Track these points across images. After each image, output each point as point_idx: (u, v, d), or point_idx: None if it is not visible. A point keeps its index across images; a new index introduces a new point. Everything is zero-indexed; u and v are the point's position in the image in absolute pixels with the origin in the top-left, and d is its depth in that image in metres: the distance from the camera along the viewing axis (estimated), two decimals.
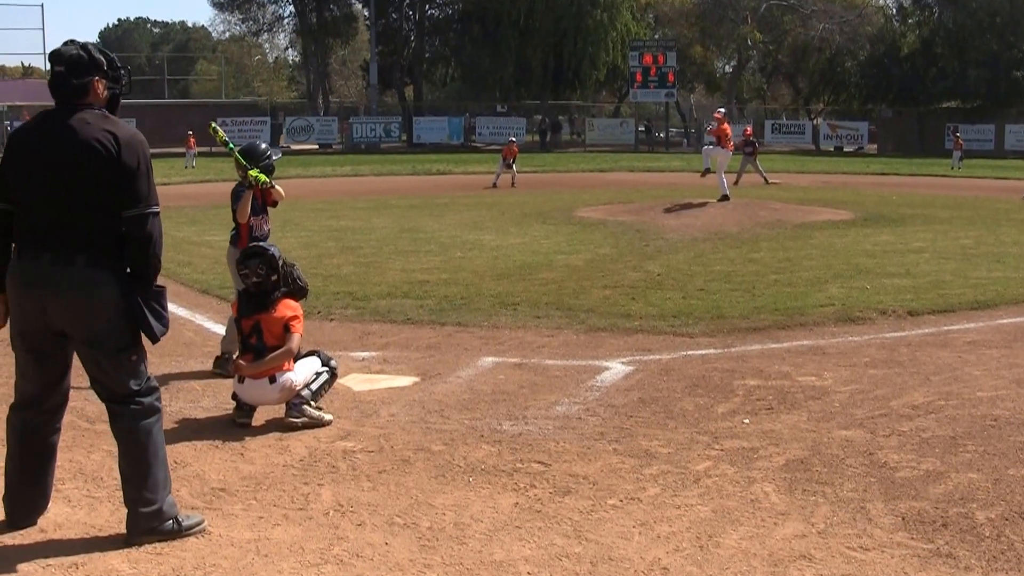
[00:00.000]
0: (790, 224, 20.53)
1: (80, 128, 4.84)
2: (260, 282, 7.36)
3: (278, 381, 7.19)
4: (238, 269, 7.54)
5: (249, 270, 7.40)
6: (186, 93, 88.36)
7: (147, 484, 5.04)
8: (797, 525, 5.42)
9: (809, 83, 77.42)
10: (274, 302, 7.34)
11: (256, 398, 7.25)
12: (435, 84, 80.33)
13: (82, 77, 4.95)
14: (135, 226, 4.90)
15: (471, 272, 14.21)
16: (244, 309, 7.38)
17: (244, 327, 7.34)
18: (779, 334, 10.27)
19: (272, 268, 7.40)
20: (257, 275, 7.37)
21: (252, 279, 7.38)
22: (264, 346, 7.22)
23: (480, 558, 5.00)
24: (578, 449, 6.66)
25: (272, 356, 7.17)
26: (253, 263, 7.42)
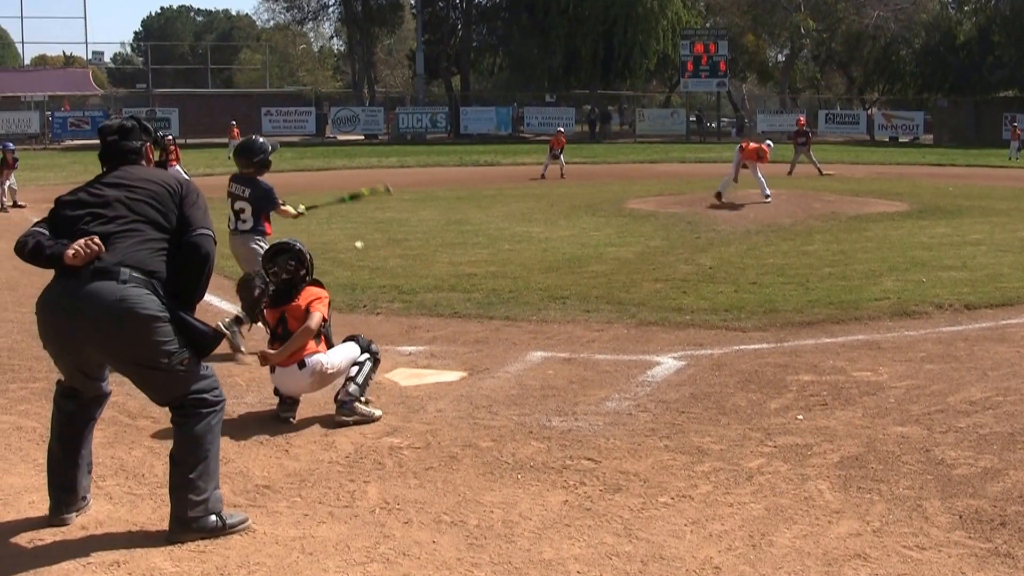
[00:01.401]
0: (844, 216, 20.34)
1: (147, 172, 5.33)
2: (289, 278, 7.42)
3: (308, 365, 7.18)
4: (266, 267, 7.51)
5: (279, 267, 7.44)
6: (229, 83, 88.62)
7: (198, 472, 5.09)
8: (852, 523, 5.34)
9: (863, 72, 76.61)
10: (298, 292, 7.41)
11: (291, 387, 7.25)
12: (482, 73, 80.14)
13: (134, 140, 5.36)
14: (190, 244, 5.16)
15: (519, 265, 14.17)
16: (270, 302, 7.40)
17: (270, 319, 7.40)
18: (833, 328, 10.15)
19: (300, 262, 7.48)
20: (287, 271, 7.43)
21: (282, 276, 7.42)
22: (289, 335, 7.24)
23: (529, 557, 4.96)
24: (628, 446, 6.60)
25: (293, 338, 7.15)
26: (282, 259, 7.47)
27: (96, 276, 4.88)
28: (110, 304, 4.85)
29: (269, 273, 7.47)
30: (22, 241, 5.03)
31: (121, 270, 4.90)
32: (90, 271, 4.87)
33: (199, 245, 5.16)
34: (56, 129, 58.99)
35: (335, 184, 31.20)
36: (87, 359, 5.12)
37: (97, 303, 4.85)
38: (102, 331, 4.90)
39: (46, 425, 6.69)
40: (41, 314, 5.06)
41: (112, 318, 4.86)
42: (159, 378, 5.05)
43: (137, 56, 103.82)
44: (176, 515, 5.09)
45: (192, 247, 5.14)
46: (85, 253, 4.87)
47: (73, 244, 4.88)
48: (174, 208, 5.13)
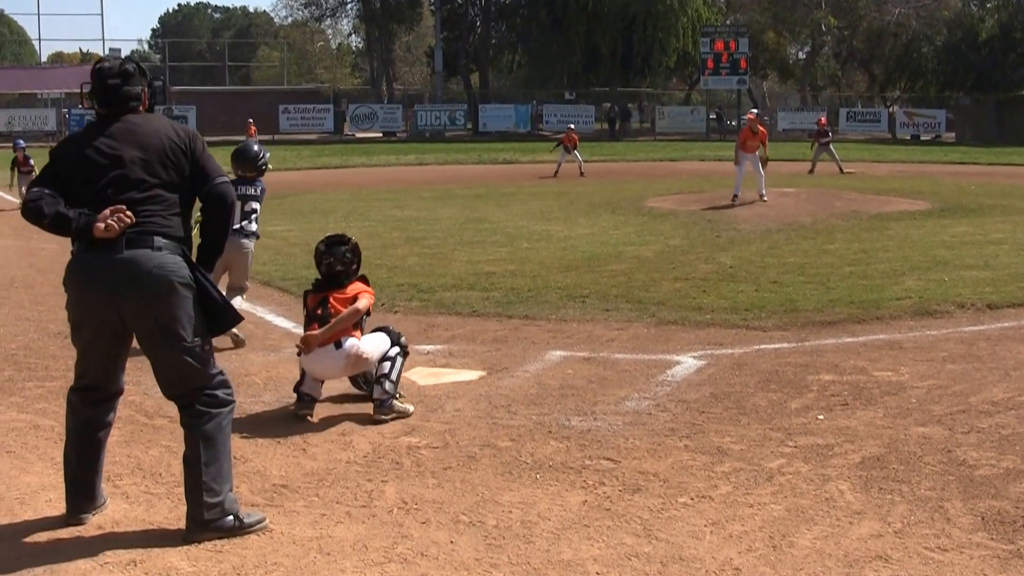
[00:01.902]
0: (865, 215, 20.25)
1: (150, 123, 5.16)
2: (343, 269, 7.44)
3: (344, 347, 7.21)
4: (321, 257, 7.48)
5: (335, 258, 7.44)
6: (247, 80, 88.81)
7: (212, 474, 5.06)
8: (873, 525, 5.30)
9: (885, 70, 76.31)
10: (348, 283, 7.44)
11: (323, 367, 7.27)
12: (501, 71, 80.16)
13: (136, 86, 5.20)
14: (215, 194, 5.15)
15: (538, 264, 14.15)
16: (314, 288, 7.46)
17: (310, 303, 7.41)
18: (854, 328, 10.09)
19: (356, 255, 7.54)
20: (342, 263, 7.44)
21: (336, 267, 7.43)
22: (329, 317, 7.24)
23: (547, 557, 4.93)
24: (648, 446, 6.57)
25: (341, 316, 7.19)
26: (339, 251, 7.48)
27: (130, 245, 4.89)
28: (148, 271, 4.89)
29: (323, 263, 7.49)
30: (35, 207, 4.89)
31: (154, 238, 4.93)
32: (123, 240, 4.88)
33: (224, 195, 5.18)
34: (73, 126, 59.01)
35: (353, 182, 31.31)
36: (118, 336, 5.11)
37: (136, 272, 4.88)
38: (140, 299, 4.92)
39: (63, 423, 6.73)
40: (75, 289, 5.05)
41: (151, 285, 4.90)
42: (178, 359, 5.03)
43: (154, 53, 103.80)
44: (192, 516, 5.06)
45: (217, 198, 5.16)
46: (119, 227, 4.85)
47: (102, 217, 4.85)
48: (185, 163, 5.10)
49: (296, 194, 26.67)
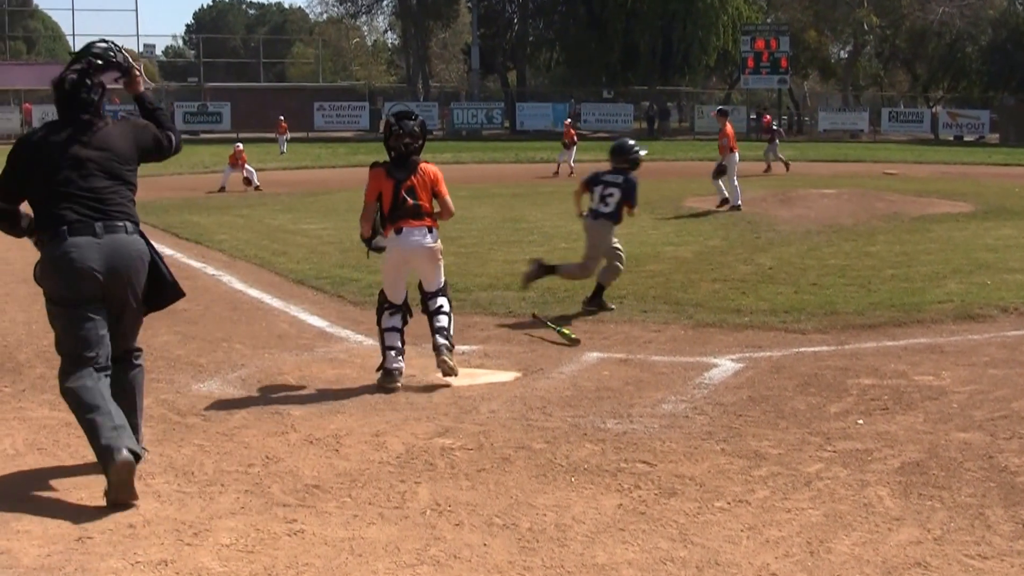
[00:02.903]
0: (907, 216, 20.09)
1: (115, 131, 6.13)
2: (410, 143, 8.05)
3: (435, 232, 8.13)
4: (391, 131, 8.12)
5: (404, 131, 8.05)
6: (282, 77, 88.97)
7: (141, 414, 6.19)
8: (912, 531, 5.23)
9: (928, 69, 75.74)
10: (416, 164, 8.11)
11: (414, 244, 8.03)
12: (539, 69, 79.92)
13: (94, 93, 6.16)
14: None
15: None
16: (395, 174, 8.07)
17: (388, 191, 8.05)
18: (895, 331, 10.00)
19: (423, 131, 8.21)
20: (411, 135, 8.05)
21: (404, 139, 8.04)
22: (419, 205, 8.01)
23: (582, 561, 4.89)
24: (685, 449, 6.52)
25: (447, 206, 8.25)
26: (408, 124, 8.11)
27: (109, 231, 5.75)
28: (129, 251, 5.82)
29: (393, 137, 8.08)
30: None
31: (126, 224, 5.84)
32: (102, 227, 5.72)
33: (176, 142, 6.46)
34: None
35: None
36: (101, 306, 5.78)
37: (120, 251, 5.77)
38: (125, 274, 5.80)
39: None
40: (67, 271, 5.70)
41: (132, 262, 5.83)
42: (136, 320, 6.05)
43: (189, 49, 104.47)
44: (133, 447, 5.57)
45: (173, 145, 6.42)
46: None
47: None
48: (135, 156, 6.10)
49: (330, 192, 26.75)
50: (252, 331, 10.14)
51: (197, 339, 9.75)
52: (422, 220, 8.10)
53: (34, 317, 10.67)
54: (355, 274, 13.23)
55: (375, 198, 8.16)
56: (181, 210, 22.17)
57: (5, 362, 8.80)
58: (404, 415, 7.26)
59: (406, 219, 8.04)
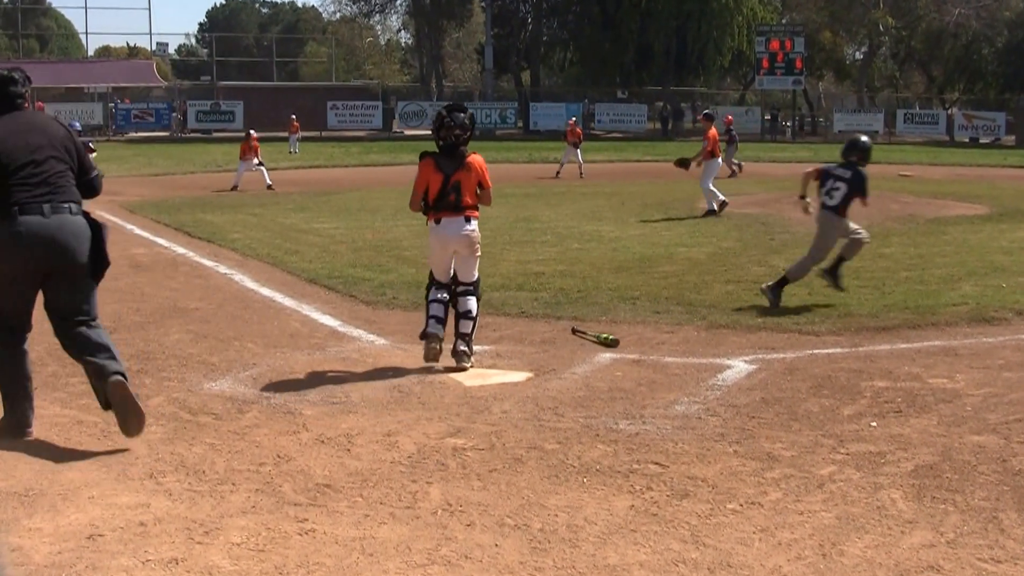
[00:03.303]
0: (922, 219, 20.04)
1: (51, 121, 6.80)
2: (460, 135, 8.52)
3: (472, 224, 8.59)
4: (442, 123, 8.59)
5: (455, 123, 8.51)
6: (295, 76, 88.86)
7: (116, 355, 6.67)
8: (925, 534, 5.21)
9: (943, 71, 75.49)
10: (464, 156, 8.58)
11: (453, 232, 8.54)
12: (553, 69, 79.83)
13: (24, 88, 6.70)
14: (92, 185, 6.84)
15: (588, 264, 14.09)
16: (444, 168, 8.54)
17: (436, 183, 8.52)
18: (909, 334, 9.96)
19: (472, 124, 8.69)
20: (461, 127, 8.53)
21: (455, 131, 8.51)
22: (461, 200, 8.52)
23: (593, 562, 4.88)
24: (697, 450, 6.50)
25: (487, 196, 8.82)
26: (459, 117, 8.57)
27: (56, 211, 6.36)
28: (75, 229, 6.45)
29: (443, 129, 8.56)
30: None
31: (71, 205, 6.47)
32: (50, 207, 6.34)
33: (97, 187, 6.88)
34: (119, 121, 59.53)
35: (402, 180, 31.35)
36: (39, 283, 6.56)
37: (67, 230, 6.40)
38: (72, 249, 6.44)
39: (107, 420, 6.82)
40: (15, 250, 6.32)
41: (78, 239, 6.46)
42: (92, 290, 6.66)
43: (202, 48, 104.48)
44: None
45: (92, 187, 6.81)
46: None
47: None
48: (75, 152, 6.64)
49: (343, 191, 26.78)
50: (264, 330, 10.15)
51: (209, 338, 9.76)
52: (461, 212, 8.59)
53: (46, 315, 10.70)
54: (367, 273, 13.24)
55: (424, 189, 8.65)
56: (193, 208, 22.21)
57: None
58: (416, 415, 7.25)
59: (447, 211, 8.56)
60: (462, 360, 8.54)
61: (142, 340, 9.62)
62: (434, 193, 8.57)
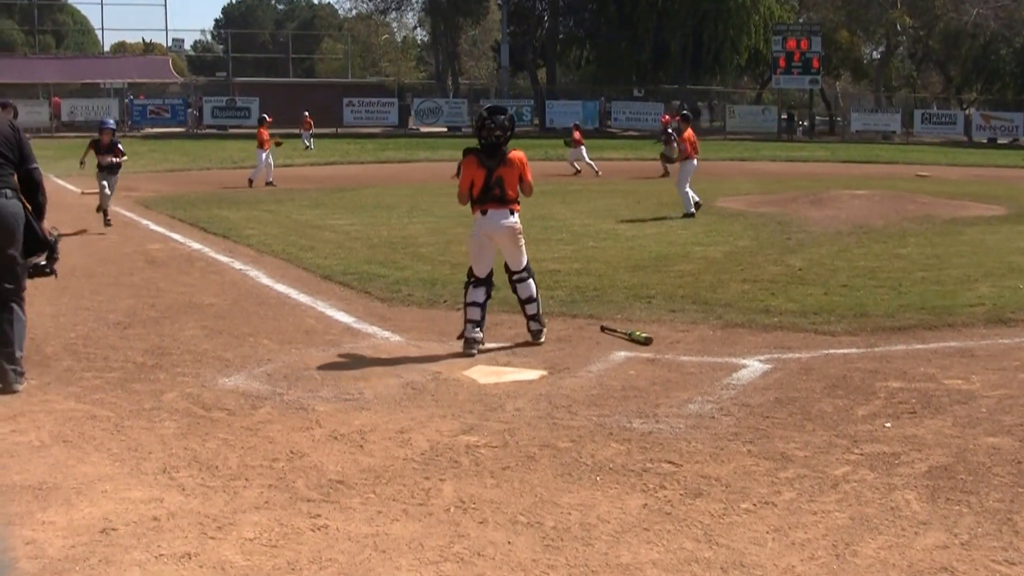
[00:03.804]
0: (939, 219, 19.96)
1: None
2: (500, 135, 9.05)
3: (515, 216, 9.22)
4: (483, 123, 9.17)
5: (495, 124, 9.07)
6: (311, 72, 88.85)
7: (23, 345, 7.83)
8: (939, 535, 5.19)
9: (961, 71, 75.14)
10: (505, 154, 9.09)
11: (496, 223, 9.11)
12: (569, 67, 79.59)
13: None
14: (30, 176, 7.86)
15: (604, 263, 14.08)
16: (487, 163, 9.06)
17: (479, 177, 9.06)
18: (925, 334, 9.92)
19: (512, 125, 9.20)
20: (501, 128, 9.06)
21: (495, 132, 9.07)
22: (505, 194, 9.08)
23: (606, 560, 4.87)
24: (711, 450, 6.48)
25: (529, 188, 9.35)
26: (499, 119, 9.12)
27: None
28: (7, 211, 7.54)
29: (485, 129, 9.10)
30: None
31: (6, 191, 7.58)
32: None
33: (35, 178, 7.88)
34: (135, 117, 59.62)
35: (417, 177, 31.39)
36: None
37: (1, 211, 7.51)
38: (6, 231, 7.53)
39: (121, 414, 6.90)
40: None
41: (10, 220, 7.55)
42: (18, 268, 7.66)
43: (217, 44, 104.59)
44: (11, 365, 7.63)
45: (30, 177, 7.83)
46: None
47: None
48: (17, 146, 7.72)
49: (358, 188, 26.80)
50: (278, 326, 10.16)
51: (224, 333, 9.78)
52: (505, 204, 9.17)
53: (62, 310, 10.76)
54: (382, 270, 13.25)
55: (469, 185, 9.19)
56: (209, 204, 22.25)
57: (32, 355, 8.82)
58: (429, 412, 7.26)
59: (491, 203, 9.12)
60: (538, 337, 9.40)
61: (157, 335, 9.65)
62: (479, 187, 9.12)
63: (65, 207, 21.75)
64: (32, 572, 4.70)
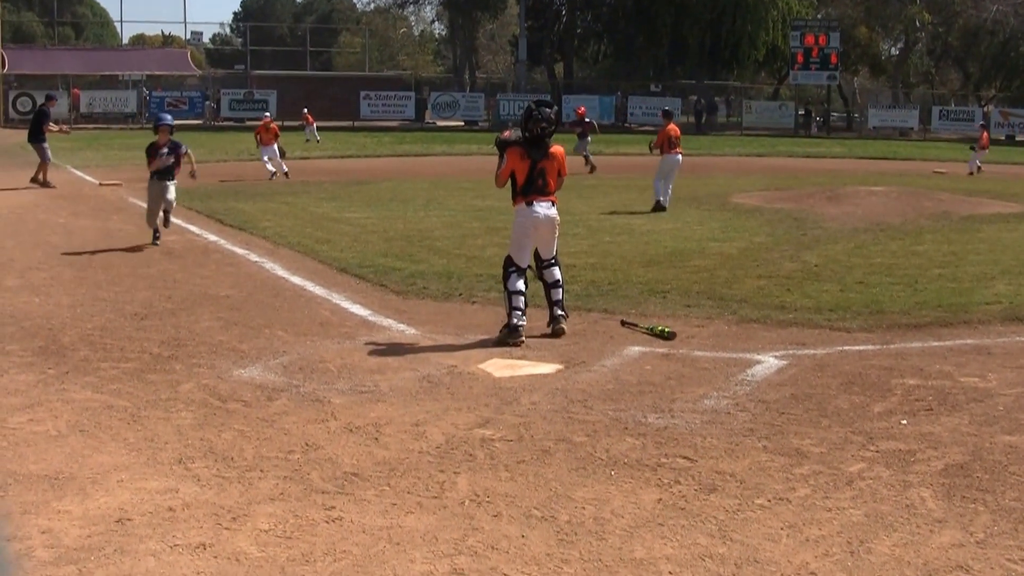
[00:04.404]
0: (956, 216, 19.89)
1: None
2: (546, 127, 9.38)
3: (555, 207, 9.59)
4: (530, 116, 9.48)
5: (542, 116, 9.39)
6: (328, 66, 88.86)
7: None
8: (954, 534, 5.18)
9: (980, 68, 74.83)
10: (548, 147, 9.48)
11: (543, 214, 9.46)
12: (586, 61, 79.43)
13: None
14: None
15: (619, 257, 14.06)
16: (532, 155, 9.42)
17: (523, 169, 9.41)
18: (941, 332, 9.88)
19: (558, 119, 9.60)
20: (547, 120, 9.39)
21: (542, 124, 9.38)
22: (547, 185, 9.49)
23: (620, 555, 4.88)
24: (726, 445, 6.48)
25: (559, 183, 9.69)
26: (546, 112, 9.45)
27: None
28: None
29: (531, 122, 9.42)
30: None
31: None
32: None
33: None
34: (153, 109, 59.66)
35: (434, 170, 31.38)
36: None
37: None
38: None
39: (137, 405, 6.95)
40: None
41: None
42: None
43: (236, 37, 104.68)
44: None
45: None
46: None
47: None
48: None
49: (375, 181, 26.80)
50: (294, 318, 10.18)
51: (239, 325, 9.80)
52: (548, 196, 9.53)
53: (79, 300, 10.80)
54: (398, 263, 13.26)
55: (510, 174, 9.54)
56: (226, 197, 22.27)
57: (49, 345, 8.88)
58: (445, 405, 7.27)
59: (536, 194, 9.46)
60: (560, 322, 9.59)
61: (173, 327, 9.67)
62: (522, 178, 9.48)
63: (83, 198, 21.87)
64: (48, 561, 4.72)
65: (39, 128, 24.50)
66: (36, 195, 22.07)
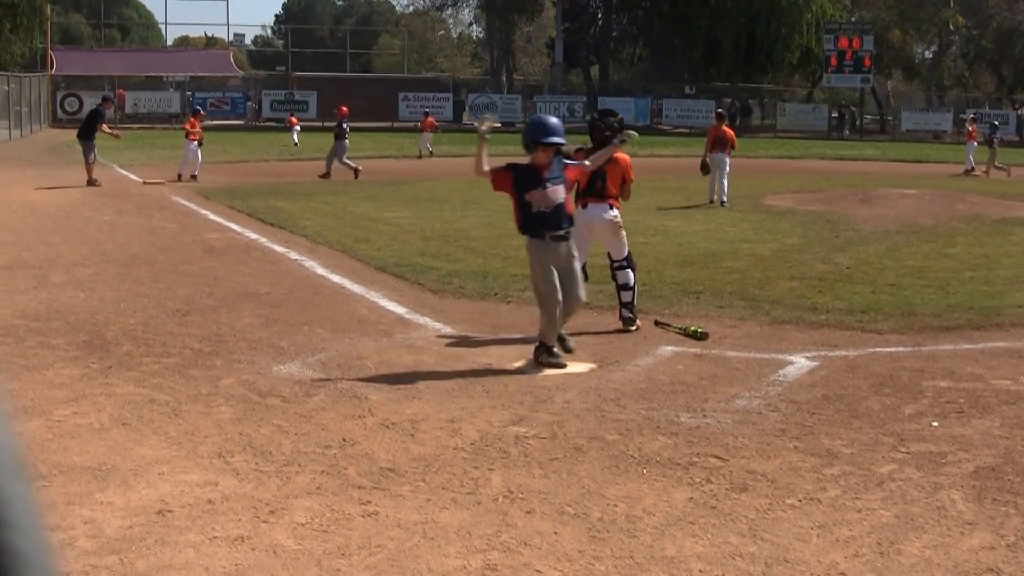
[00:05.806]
0: (989, 219, 19.78)
1: None
2: (609, 136, 9.56)
3: (615, 210, 9.85)
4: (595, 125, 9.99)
5: (606, 125, 9.74)
6: (368, 67, 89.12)
7: None
8: (985, 536, 5.19)
9: (1014, 71, 74.17)
10: None
11: (596, 216, 9.72)
12: (621, 63, 79.43)
13: None
14: None
15: (653, 258, 14.08)
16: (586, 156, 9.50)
17: (584, 177, 9.50)
18: (973, 334, 9.87)
19: (622, 126, 9.82)
20: (611, 129, 9.64)
21: (605, 132, 9.67)
22: (605, 188, 9.75)
23: (651, 552, 4.92)
24: (757, 445, 6.51)
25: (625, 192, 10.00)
26: (610, 120, 9.86)
27: None
28: None
29: (596, 129, 9.84)
30: None
31: None
32: None
33: None
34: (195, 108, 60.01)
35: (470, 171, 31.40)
36: None
37: None
38: None
39: (178, 399, 7.04)
40: None
41: None
42: None
43: (277, 39, 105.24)
44: None
45: None
46: None
47: None
48: None
49: (413, 181, 26.91)
50: (332, 316, 10.27)
51: (279, 322, 9.90)
52: (605, 199, 9.79)
53: (123, 296, 10.94)
54: (435, 263, 13.35)
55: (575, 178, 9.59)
56: (267, 195, 22.42)
57: (93, 339, 9.01)
58: (480, 403, 7.34)
59: (592, 197, 9.76)
60: (628, 325, 9.79)
61: (214, 323, 9.79)
62: (584, 182, 9.65)
63: (128, 196, 22.08)
64: (90, 551, 4.82)
65: (92, 127, 24.69)
66: (82, 193, 22.28)
